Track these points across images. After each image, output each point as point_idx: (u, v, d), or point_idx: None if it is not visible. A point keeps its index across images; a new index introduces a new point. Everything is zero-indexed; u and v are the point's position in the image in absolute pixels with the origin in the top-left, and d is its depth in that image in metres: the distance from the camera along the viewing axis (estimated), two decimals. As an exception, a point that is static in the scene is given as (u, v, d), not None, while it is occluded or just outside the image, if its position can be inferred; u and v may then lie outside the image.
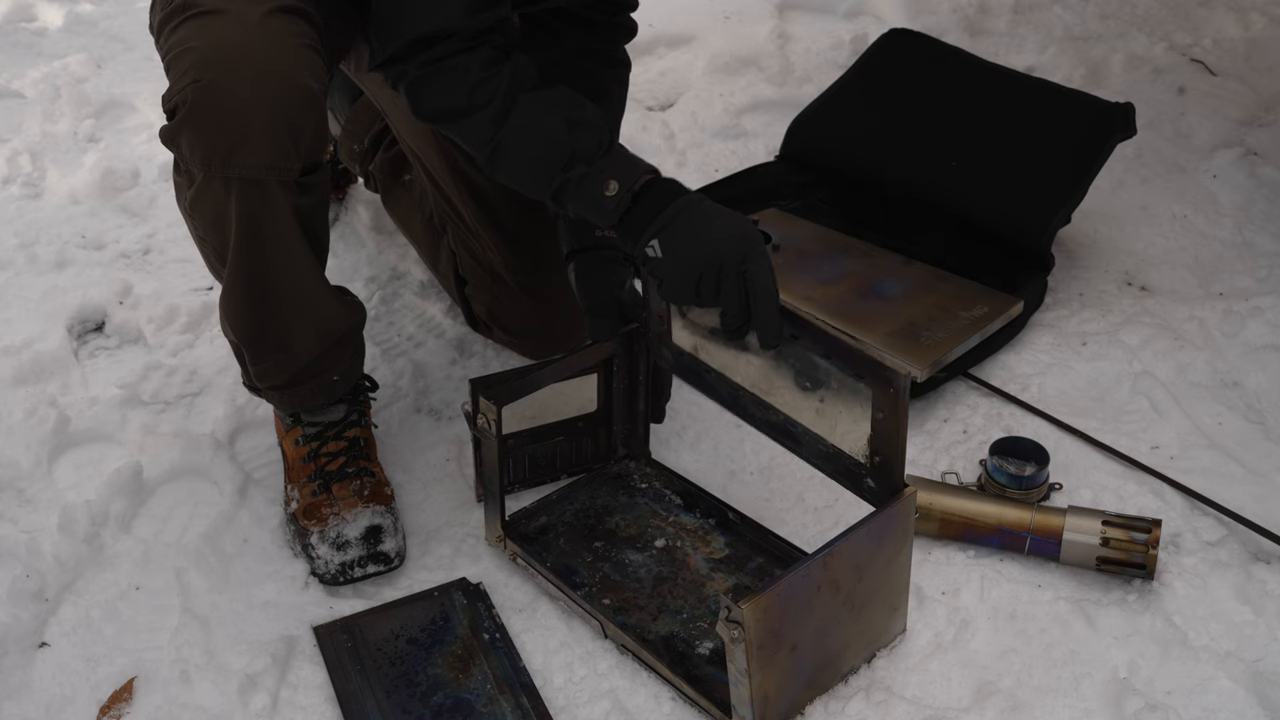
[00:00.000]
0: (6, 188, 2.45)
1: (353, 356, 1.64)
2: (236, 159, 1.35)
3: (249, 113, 1.33)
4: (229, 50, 1.33)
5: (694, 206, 1.40)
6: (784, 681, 1.31)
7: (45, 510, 1.67)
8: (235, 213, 1.41)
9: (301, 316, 1.53)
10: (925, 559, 1.56)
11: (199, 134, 1.35)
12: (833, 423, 1.40)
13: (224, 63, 1.32)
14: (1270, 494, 1.64)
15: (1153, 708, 1.34)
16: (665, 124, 2.61)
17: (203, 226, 1.47)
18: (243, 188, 1.39)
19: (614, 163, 1.42)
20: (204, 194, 1.41)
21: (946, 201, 2.10)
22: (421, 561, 1.61)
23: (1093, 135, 2.08)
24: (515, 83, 1.44)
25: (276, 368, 1.57)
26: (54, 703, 1.43)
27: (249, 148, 1.35)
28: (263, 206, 1.41)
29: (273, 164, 1.37)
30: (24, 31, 3.18)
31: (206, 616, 1.52)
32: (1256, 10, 2.93)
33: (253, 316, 1.52)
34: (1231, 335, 1.92)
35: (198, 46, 1.34)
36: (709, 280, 1.37)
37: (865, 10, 3.04)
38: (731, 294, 1.37)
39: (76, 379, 1.92)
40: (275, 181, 1.39)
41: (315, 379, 1.59)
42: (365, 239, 2.22)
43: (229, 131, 1.34)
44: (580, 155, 1.41)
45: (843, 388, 1.38)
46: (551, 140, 1.42)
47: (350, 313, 1.61)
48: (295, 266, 1.49)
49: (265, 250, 1.45)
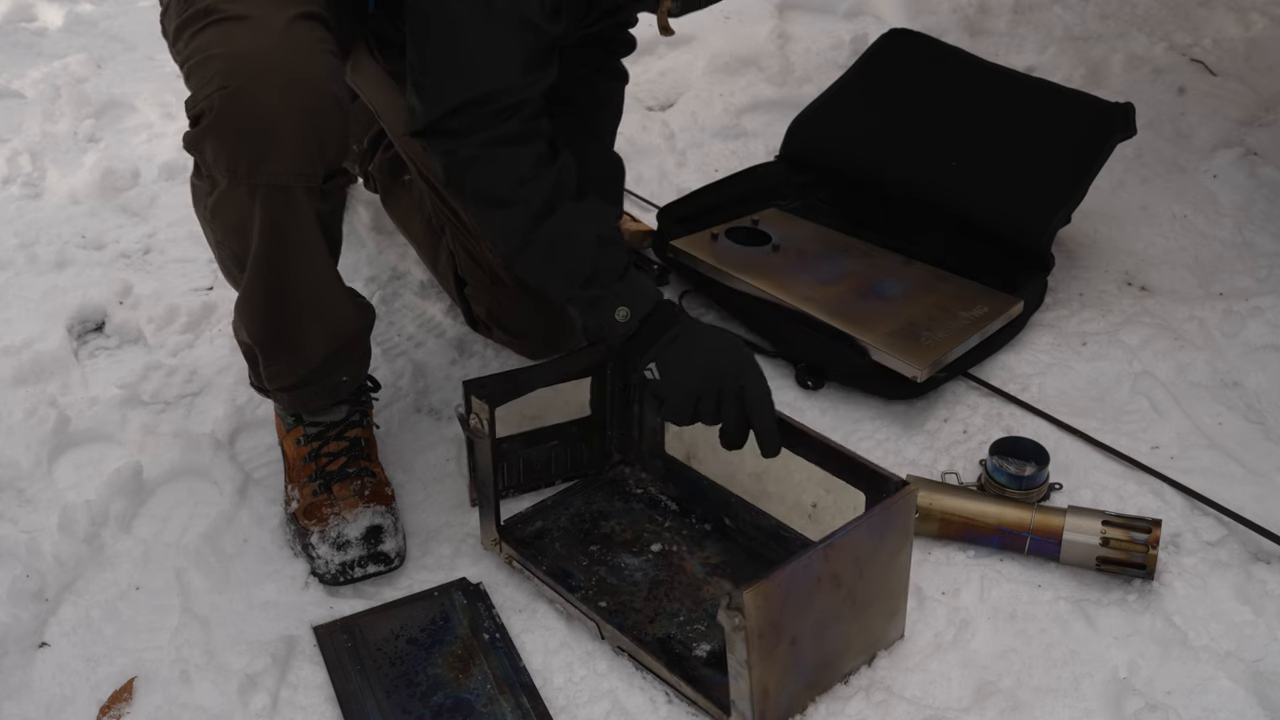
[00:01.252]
0: (6, 188, 2.45)
1: (361, 358, 1.64)
2: (264, 166, 1.36)
3: (277, 120, 1.33)
4: (255, 57, 1.33)
5: (689, 331, 1.48)
6: (784, 677, 1.31)
7: (45, 510, 1.67)
8: (259, 219, 1.41)
9: (316, 320, 1.54)
10: (925, 559, 1.56)
11: (225, 141, 1.35)
12: (824, 529, 1.42)
13: (251, 70, 1.32)
14: (1270, 494, 1.64)
15: (1153, 708, 1.34)
16: (665, 124, 2.61)
17: (222, 231, 1.47)
18: (268, 194, 1.39)
19: (629, 288, 1.48)
20: (227, 200, 1.41)
21: (946, 201, 2.10)
22: (421, 561, 1.61)
23: (1093, 135, 2.08)
24: (560, 187, 1.48)
25: (288, 369, 1.57)
26: (54, 703, 1.42)
27: (277, 155, 1.35)
28: (287, 212, 1.41)
29: (300, 170, 1.38)
30: (24, 31, 3.18)
31: (206, 616, 1.52)
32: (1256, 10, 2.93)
33: (270, 320, 1.52)
34: (1231, 335, 1.92)
35: (222, 53, 1.34)
36: (708, 401, 1.44)
37: (865, 10, 3.04)
38: (731, 412, 1.44)
39: (76, 379, 1.92)
40: (301, 188, 1.39)
41: (323, 380, 1.60)
42: (365, 239, 2.22)
43: (256, 139, 1.34)
44: (600, 276, 1.47)
45: (837, 493, 1.44)
46: (581, 255, 1.47)
47: (362, 315, 1.61)
48: (314, 271, 1.49)
49: (287, 255, 1.46)
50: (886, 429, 1.79)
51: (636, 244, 2.17)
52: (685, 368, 1.45)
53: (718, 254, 2.05)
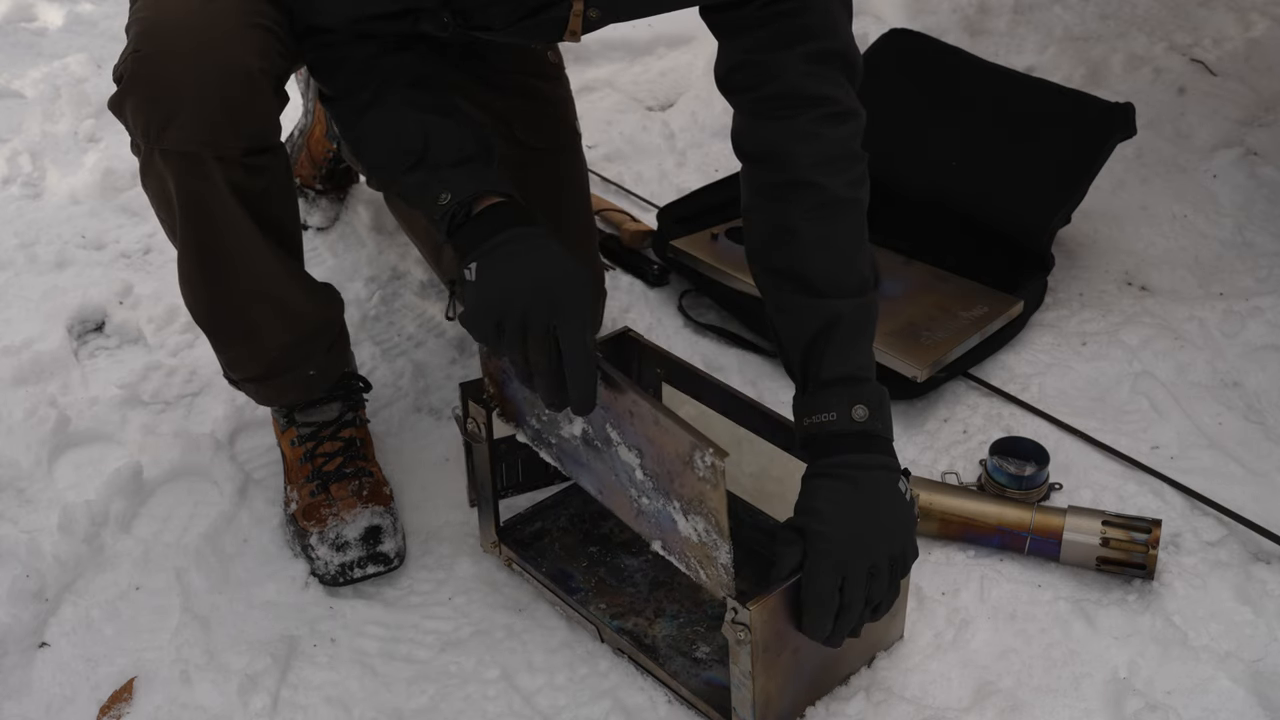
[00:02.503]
0: (6, 188, 2.45)
1: (328, 351, 1.61)
2: (170, 132, 1.35)
3: (181, 86, 1.32)
4: (170, 23, 1.33)
5: (522, 239, 1.30)
6: (786, 684, 1.31)
7: (45, 510, 1.67)
8: (174, 187, 1.40)
9: (264, 306, 1.51)
10: (925, 559, 1.56)
11: (138, 104, 1.35)
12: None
13: (163, 35, 1.32)
14: (1270, 494, 1.64)
15: (1153, 708, 1.34)
16: (665, 124, 2.61)
17: (154, 200, 1.47)
18: (180, 162, 1.38)
19: (460, 174, 1.35)
20: (149, 167, 1.41)
21: (946, 200, 2.10)
22: (422, 561, 1.61)
23: (1093, 135, 2.07)
24: (388, 77, 1.39)
25: (248, 357, 1.56)
26: (54, 703, 1.43)
27: (181, 121, 1.34)
28: (202, 183, 1.39)
29: (206, 139, 1.36)
30: (24, 31, 3.18)
31: (206, 616, 1.52)
32: (1256, 10, 2.93)
33: (205, 297, 1.51)
34: (1231, 335, 1.92)
35: (145, 18, 1.34)
36: (512, 323, 1.25)
37: (865, 10, 3.04)
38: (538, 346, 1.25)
39: (76, 379, 1.92)
40: (212, 158, 1.37)
41: (289, 373, 1.58)
42: (365, 239, 2.22)
43: (163, 104, 1.33)
44: (428, 159, 1.35)
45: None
46: (402, 138, 1.36)
47: (321, 305, 1.58)
48: (247, 250, 1.46)
49: (212, 229, 1.44)
50: (886, 429, 1.79)
51: (637, 244, 2.17)
52: (498, 276, 1.27)
53: (718, 254, 2.05)
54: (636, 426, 1.27)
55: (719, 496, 1.20)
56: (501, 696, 1.42)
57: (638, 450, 1.29)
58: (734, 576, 1.24)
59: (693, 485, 1.23)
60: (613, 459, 1.33)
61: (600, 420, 1.32)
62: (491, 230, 1.31)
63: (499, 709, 1.41)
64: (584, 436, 1.37)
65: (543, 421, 1.42)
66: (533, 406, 1.41)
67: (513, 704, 1.41)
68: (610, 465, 1.35)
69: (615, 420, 1.30)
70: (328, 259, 2.18)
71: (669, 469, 1.26)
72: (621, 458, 1.32)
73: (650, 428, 1.25)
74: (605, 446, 1.33)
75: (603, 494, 1.40)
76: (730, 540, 1.23)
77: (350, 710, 1.42)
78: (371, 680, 1.45)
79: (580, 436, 1.37)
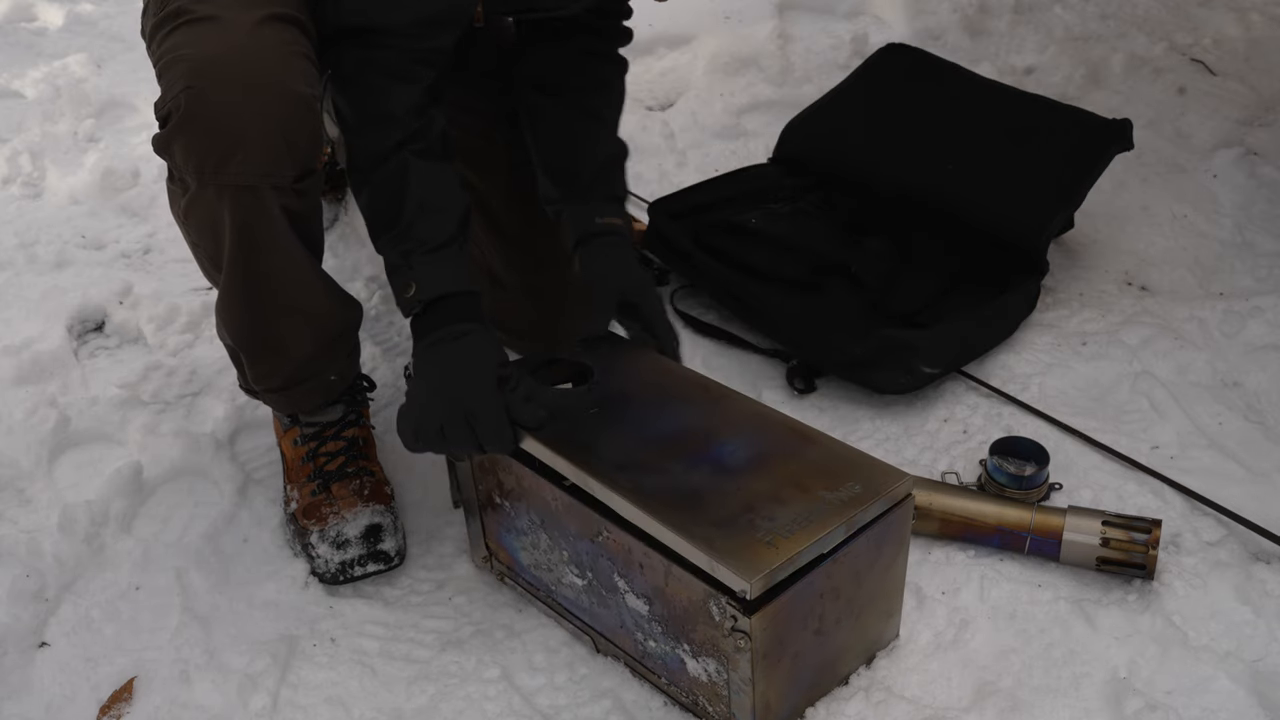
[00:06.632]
0: (6, 188, 2.45)
1: (349, 356, 1.63)
2: (230, 166, 1.35)
3: (242, 120, 1.33)
4: (220, 57, 1.32)
5: (451, 341, 1.40)
6: (785, 688, 1.31)
7: (45, 510, 1.67)
8: (229, 220, 1.41)
9: (297, 319, 1.53)
10: (925, 559, 1.56)
11: (191, 142, 1.35)
12: None
13: (215, 70, 1.32)
14: (1270, 494, 1.64)
15: (1153, 708, 1.34)
16: (665, 124, 2.61)
17: (196, 233, 1.47)
18: (236, 195, 1.38)
19: (431, 267, 1.42)
20: (198, 202, 1.41)
21: (941, 205, 2.09)
22: (422, 561, 1.61)
23: (1090, 146, 2.07)
24: (411, 137, 1.44)
25: (273, 370, 1.57)
26: (54, 703, 1.43)
27: (243, 155, 1.35)
28: (257, 214, 1.40)
29: (267, 171, 1.37)
30: (24, 31, 3.19)
31: (206, 616, 1.52)
32: (1256, 10, 2.93)
33: (249, 321, 1.52)
34: (1231, 335, 1.93)
35: (189, 55, 1.34)
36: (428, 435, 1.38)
37: (865, 10, 3.04)
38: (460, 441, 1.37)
39: (76, 379, 1.92)
40: (270, 188, 1.39)
41: (312, 380, 1.59)
42: (365, 239, 2.21)
43: (222, 139, 1.34)
44: (408, 241, 1.42)
45: None
46: (399, 210, 1.42)
47: (346, 312, 1.60)
48: (290, 271, 1.48)
49: (260, 256, 1.45)
50: (886, 429, 1.79)
51: (637, 244, 2.17)
52: (421, 381, 1.41)
53: None
54: (647, 577, 1.32)
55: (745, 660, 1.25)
56: (501, 696, 1.42)
57: (646, 598, 1.34)
58: None
59: (706, 632, 1.28)
60: (619, 605, 1.38)
61: (607, 570, 1.37)
62: (428, 328, 1.42)
63: (499, 709, 1.41)
64: (587, 586, 1.41)
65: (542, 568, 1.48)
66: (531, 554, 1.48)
67: (513, 704, 1.41)
68: (616, 611, 1.40)
69: (624, 570, 1.35)
70: (328, 259, 2.15)
71: (680, 615, 1.30)
72: (629, 604, 1.37)
73: (660, 578, 1.30)
74: (610, 594, 1.39)
75: (606, 632, 1.45)
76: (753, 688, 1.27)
77: (350, 710, 1.42)
78: (371, 680, 1.45)
79: (584, 587, 1.42)
